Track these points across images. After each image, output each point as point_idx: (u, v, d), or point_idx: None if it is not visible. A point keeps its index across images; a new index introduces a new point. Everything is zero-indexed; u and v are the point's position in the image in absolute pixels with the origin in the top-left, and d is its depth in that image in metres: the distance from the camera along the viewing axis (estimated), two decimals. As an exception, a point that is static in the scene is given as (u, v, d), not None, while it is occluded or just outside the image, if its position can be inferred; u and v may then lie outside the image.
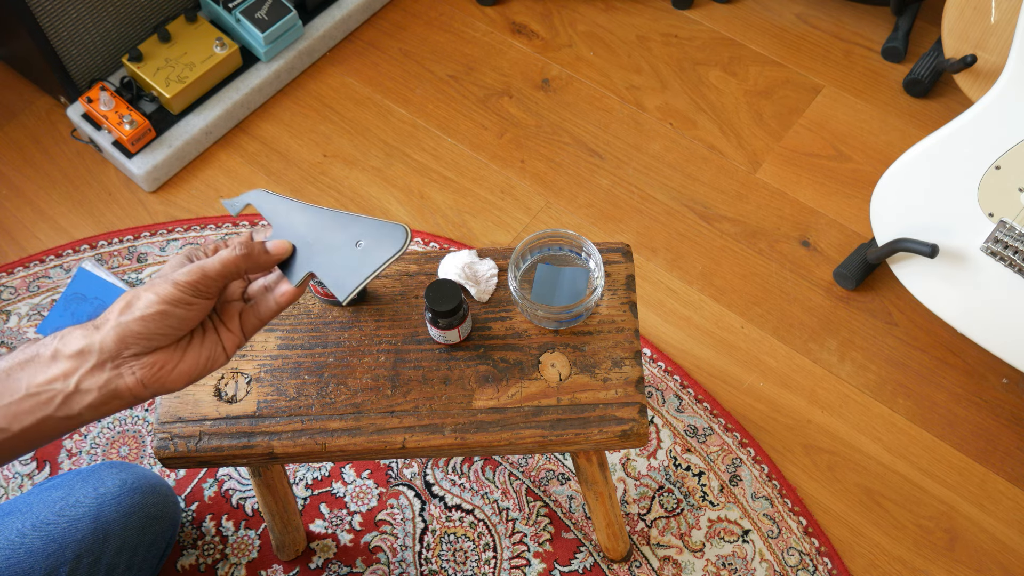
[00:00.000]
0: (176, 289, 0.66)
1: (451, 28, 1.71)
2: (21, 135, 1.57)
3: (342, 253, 0.73)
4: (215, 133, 1.55)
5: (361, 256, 0.73)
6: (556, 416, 0.87)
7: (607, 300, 0.93)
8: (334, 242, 0.74)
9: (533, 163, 1.55)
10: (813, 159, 1.54)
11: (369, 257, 0.73)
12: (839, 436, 1.30)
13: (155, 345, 0.66)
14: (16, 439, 0.65)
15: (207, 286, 0.67)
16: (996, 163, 1.08)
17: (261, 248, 0.71)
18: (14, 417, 0.64)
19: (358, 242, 0.73)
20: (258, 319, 0.73)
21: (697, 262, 1.44)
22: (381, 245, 0.73)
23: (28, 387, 0.64)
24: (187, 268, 0.67)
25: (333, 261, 0.73)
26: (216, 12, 1.55)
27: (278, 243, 0.73)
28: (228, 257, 0.68)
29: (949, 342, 1.36)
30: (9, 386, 0.64)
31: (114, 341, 0.64)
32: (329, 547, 1.22)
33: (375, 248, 0.73)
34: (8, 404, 0.64)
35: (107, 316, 0.65)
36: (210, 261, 0.68)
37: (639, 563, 1.20)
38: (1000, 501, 1.25)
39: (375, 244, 0.73)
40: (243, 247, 0.70)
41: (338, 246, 0.73)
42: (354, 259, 0.73)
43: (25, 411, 0.64)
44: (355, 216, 0.74)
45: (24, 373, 0.65)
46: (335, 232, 0.74)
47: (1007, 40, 1.25)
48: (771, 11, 1.71)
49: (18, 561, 0.92)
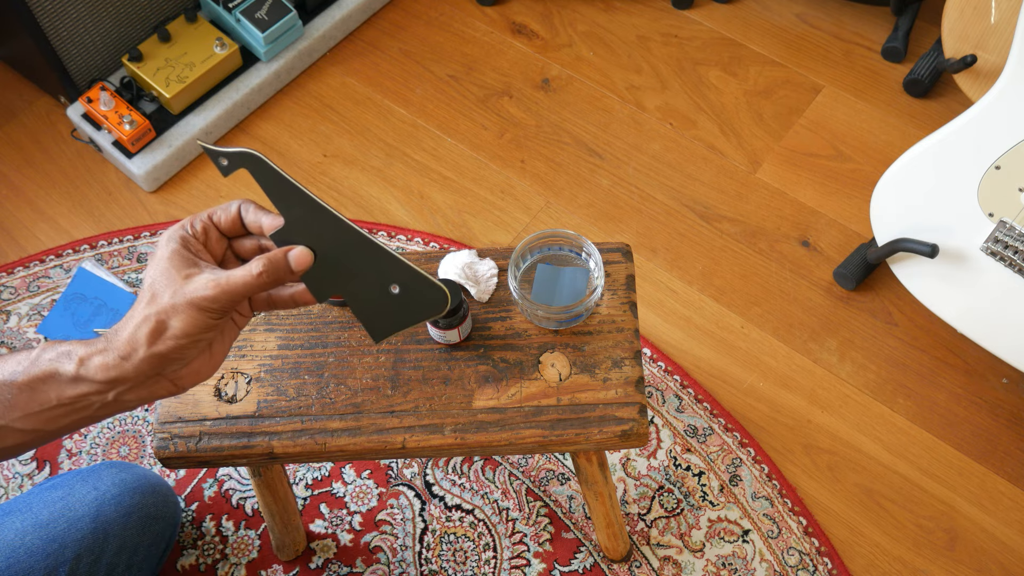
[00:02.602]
0: (206, 317, 0.64)
1: (451, 28, 1.71)
2: (21, 135, 1.57)
3: (375, 291, 0.69)
4: (215, 133, 1.55)
5: (396, 304, 0.69)
6: (556, 416, 0.87)
7: (607, 300, 0.93)
8: (365, 274, 0.69)
9: (533, 163, 1.55)
10: (813, 159, 1.54)
11: (406, 309, 0.69)
12: (839, 436, 1.30)
13: (191, 360, 0.66)
14: (54, 434, 0.66)
15: (233, 305, 0.66)
16: (996, 163, 1.08)
17: (286, 266, 0.67)
18: (48, 420, 0.65)
19: (394, 286, 0.69)
20: (269, 305, 0.72)
21: (697, 262, 1.44)
22: (419, 303, 0.69)
23: (59, 399, 0.64)
24: (210, 292, 0.64)
25: (367, 296, 0.70)
26: (216, 12, 1.55)
27: (301, 257, 0.68)
28: (254, 284, 0.65)
29: (949, 342, 1.36)
30: (37, 398, 0.64)
31: (150, 368, 0.64)
32: (329, 547, 1.22)
33: (412, 303, 0.69)
34: (40, 412, 0.64)
35: (133, 344, 0.63)
36: (235, 285, 0.65)
37: (639, 563, 1.20)
38: (1000, 501, 1.25)
39: (412, 299, 0.69)
40: (271, 273, 0.66)
41: (371, 282, 0.69)
42: (388, 303, 0.69)
43: (60, 415, 0.65)
44: (390, 253, 0.69)
45: (48, 387, 0.64)
46: (365, 261, 0.69)
47: (1007, 40, 1.25)
48: (771, 11, 1.71)
49: (18, 561, 0.92)
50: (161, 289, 0.64)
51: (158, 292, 0.64)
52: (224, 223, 0.69)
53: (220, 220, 0.69)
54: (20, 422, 0.64)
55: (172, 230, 0.67)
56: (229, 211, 0.68)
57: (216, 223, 0.69)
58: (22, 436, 0.65)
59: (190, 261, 0.66)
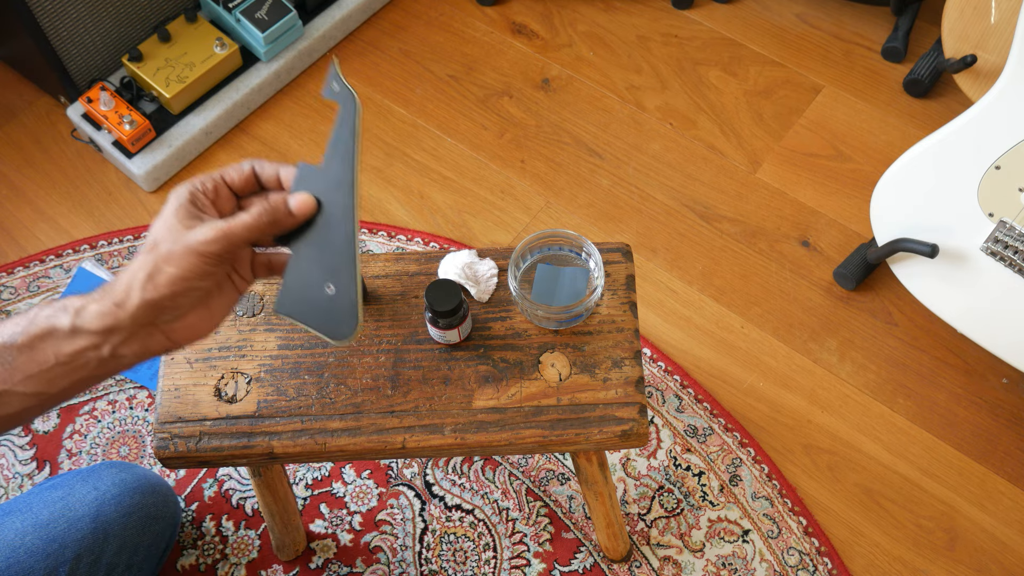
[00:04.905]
0: (202, 262, 0.64)
1: (451, 28, 1.71)
2: (21, 135, 1.57)
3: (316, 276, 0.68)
4: (215, 133, 1.55)
5: (319, 300, 0.68)
6: (556, 416, 0.87)
7: (607, 300, 0.93)
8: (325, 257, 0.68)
9: (533, 163, 1.55)
10: (813, 159, 1.54)
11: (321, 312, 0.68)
12: (839, 436, 1.30)
13: (184, 312, 0.66)
14: (56, 397, 0.66)
15: (232, 253, 0.65)
16: (996, 163, 1.08)
17: (285, 210, 0.67)
18: (49, 382, 0.65)
19: (331, 286, 0.68)
20: (269, 271, 0.72)
21: (697, 262, 1.44)
22: (333, 318, 0.67)
23: (57, 356, 0.64)
24: (210, 235, 0.64)
25: (306, 273, 0.68)
26: (216, 12, 1.55)
27: (303, 202, 0.68)
28: (254, 224, 0.65)
29: (949, 342, 1.36)
30: (35, 357, 0.64)
31: (144, 316, 0.64)
32: (329, 547, 1.22)
33: (330, 312, 0.67)
34: (40, 372, 0.64)
35: (128, 289, 0.63)
36: (235, 228, 0.65)
37: (639, 563, 1.20)
38: (1000, 501, 1.25)
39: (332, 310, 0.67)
40: (270, 213, 0.66)
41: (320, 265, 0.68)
42: (315, 294, 0.68)
43: (60, 375, 0.65)
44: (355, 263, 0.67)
45: (46, 345, 0.64)
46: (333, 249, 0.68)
47: (1007, 40, 1.25)
48: (771, 11, 1.71)
49: (18, 561, 0.92)
50: (162, 238, 0.64)
51: (159, 241, 0.64)
52: (237, 180, 0.69)
53: (232, 178, 0.69)
54: (22, 385, 0.64)
55: (181, 186, 0.67)
56: (242, 169, 0.69)
57: (228, 181, 0.69)
58: (25, 400, 0.65)
59: (194, 215, 0.66)
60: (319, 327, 0.69)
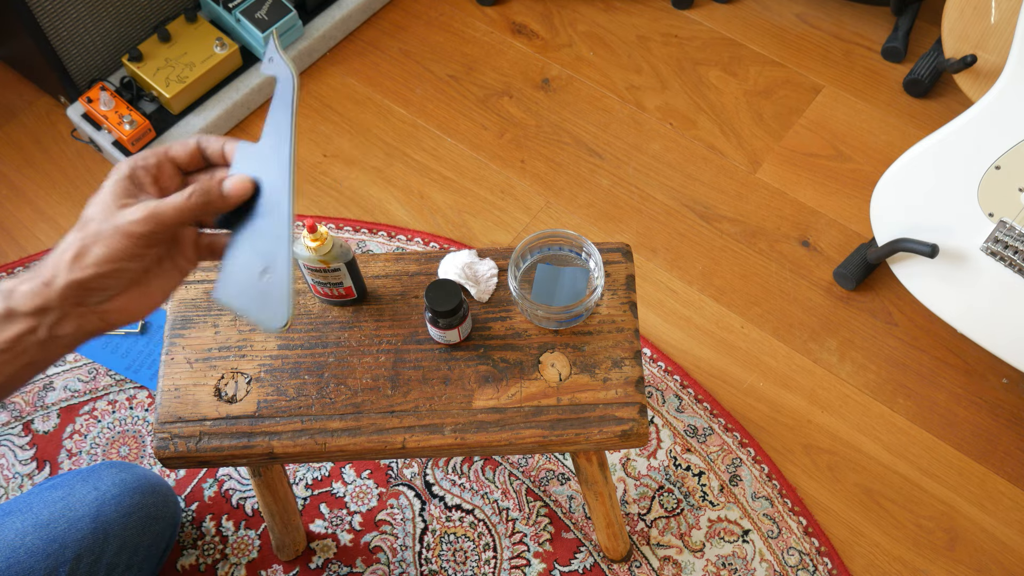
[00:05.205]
0: (130, 243, 0.62)
1: (451, 28, 1.71)
2: (21, 135, 1.57)
3: (252, 261, 0.66)
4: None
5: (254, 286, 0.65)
6: (556, 416, 0.87)
7: (607, 300, 0.93)
8: (262, 241, 0.65)
9: (533, 163, 1.55)
10: (813, 159, 1.54)
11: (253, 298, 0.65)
12: (839, 436, 1.30)
13: (114, 293, 0.64)
14: (5, 386, 0.65)
15: (162, 234, 0.63)
16: (996, 163, 1.08)
17: (219, 194, 0.65)
18: None
19: (267, 274, 0.65)
20: (212, 253, 0.69)
21: (697, 262, 1.44)
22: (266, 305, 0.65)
23: None
24: (138, 215, 0.62)
25: (243, 258, 0.66)
26: (216, 12, 1.55)
27: (238, 185, 0.65)
28: (184, 206, 0.63)
29: (949, 342, 1.36)
30: None
31: (74, 296, 0.62)
32: (329, 547, 1.22)
33: (262, 299, 0.65)
34: None
35: (56, 268, 0.62)
36: (165, 209, 0.62)
37: (639, 563, 1.20)
38: (1000, 501, 1.25)
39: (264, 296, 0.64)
40: (201, 195, 0.64)
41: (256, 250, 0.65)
42: (250, 280, 0.65)
43: (4, 363, 0.63)
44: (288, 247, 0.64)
45: None
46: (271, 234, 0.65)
47: (1007, 40, 1.25)
48: (771, 11, 1.71)
49: (18, 561, 0.92)
50: (92, 216, 0.63)
51: (89, 219, 0.63)
52: (182, 156, 0.68)
53: (177, 153, 0.68)
54: None
55: (123, 162, 0.66)
56: (187, 145, 0.68)
57: (172, 157, 0.68)
58: None
59: (130, 192, 0.64)
60: (253, 316, 0.66)
